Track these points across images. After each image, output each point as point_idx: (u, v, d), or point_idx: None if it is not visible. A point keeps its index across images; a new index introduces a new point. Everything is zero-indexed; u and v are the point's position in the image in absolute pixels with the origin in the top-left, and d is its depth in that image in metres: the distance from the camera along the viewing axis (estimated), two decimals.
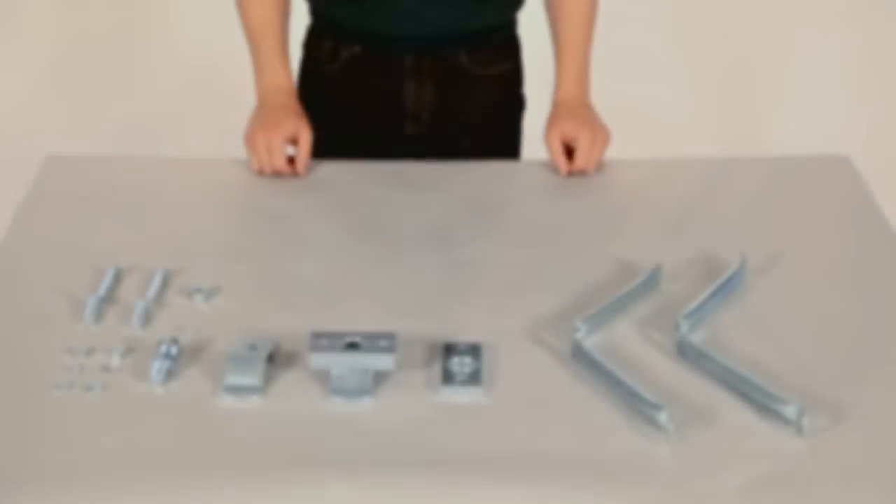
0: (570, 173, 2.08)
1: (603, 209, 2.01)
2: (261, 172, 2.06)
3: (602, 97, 2.22)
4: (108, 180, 2.08)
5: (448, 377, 1.58)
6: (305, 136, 2.07)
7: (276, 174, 2.06)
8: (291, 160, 2.08)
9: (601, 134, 2.10)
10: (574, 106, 2.14)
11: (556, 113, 2.14)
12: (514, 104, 2.31)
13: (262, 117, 2.09)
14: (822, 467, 1.46)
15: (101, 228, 1.93)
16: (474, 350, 1.62)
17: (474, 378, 1.58)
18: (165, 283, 1.78)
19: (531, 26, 2.30)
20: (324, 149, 2.13)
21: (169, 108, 3.84)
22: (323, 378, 1.58)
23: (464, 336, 1.66)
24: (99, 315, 1.71)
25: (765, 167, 2.15)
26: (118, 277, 1.79)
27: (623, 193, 2.06)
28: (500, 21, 2.24)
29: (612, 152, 2.14)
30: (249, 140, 2.07)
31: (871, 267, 1.86)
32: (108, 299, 1.74)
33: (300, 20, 2.21)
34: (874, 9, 4.10)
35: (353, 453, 1.48)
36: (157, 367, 1.58)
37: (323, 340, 1.58)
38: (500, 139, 2.30)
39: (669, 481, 1.44)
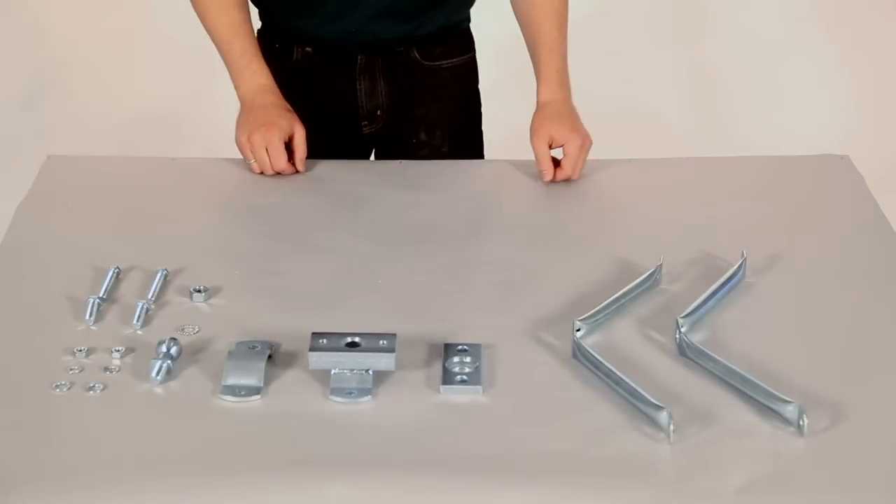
0: (554, 181, 2.06)
1: (603, 209, 2.01)
2: (262, 174, 2.06)
3: (602, 97, 2.23)
4: (108, 180, 2.08)
5: (448, 377, 1.58)
6: (300, 132, 2.06)
7: (277, 174, 2.06)
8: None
9: (588, 141, 2.07)
10: (559, 108, 2.10)
11: (542, 115, 2.10)
12: (471, 97, 2.30)
13: (253, 118, 2.06)
14: (822, 467, 1.46)
15: (101, 228, 1.93)
16: (474, 350, 1.62)
17: (474, 378, 1.58)
18: (165, 283, 1.78)
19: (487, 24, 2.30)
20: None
21: (168, 109, 3.84)
22: (323, 378, 1.58)
23: (464, 336, 1.66)
24: (99, 315, 1.71)
25: (765, 167, 2.15)
26: (118, 277, 1.79)
27: (623, 193, 2.06)
28: (452, 21, 2.24)
29: (614, 152, 2.14)
30: (245, 143, 2.05)
31: (871, 267, 1.86)
32: (108, 299, 1.74)
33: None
34: (874, 9, 4.10)
35: (353, 453, 1.48)
36: (157, 367, 1.58)
37: (323, 340, 1.58)
38: (461, 135, 2.29)
39: (669, 481, 1.44)
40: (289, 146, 2.06)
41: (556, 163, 2.07)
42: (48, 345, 1.64)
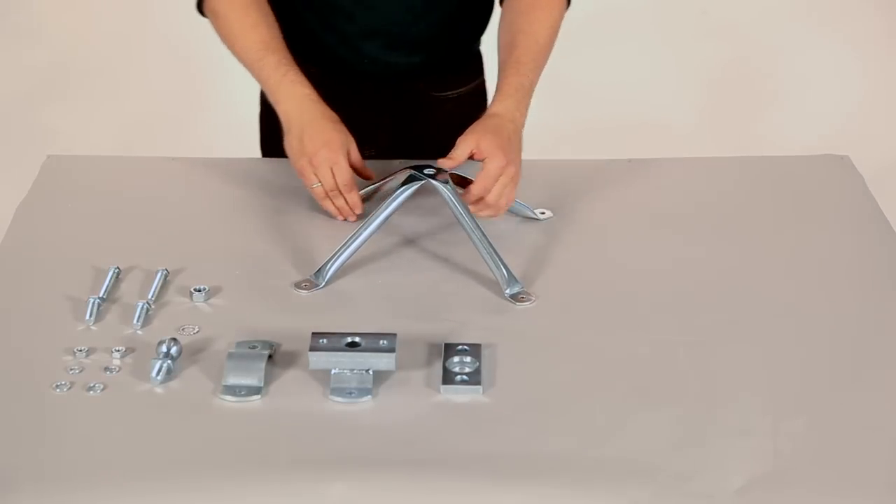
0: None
1: (603, 209, 2.01)
2: (323, 197, 1.91)
3: (603, 97, 2.21)
4: (108, 180, 2.08)
5: (448, 377, 1.58)
6: (354, 145, 1.94)
7: (341, 193, 1.91)
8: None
9: (514, 170, 1.85)
10: (502, 125, 1.89)
11: (480, 124, 1.89)
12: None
13: (308, 138, 1.90)
14: (822, 467, 1.46)
15: (101, 228, 1.93)
16: (474, 350, 1.62)
17: (474, 378, 1.58)
18: (165, 283, 1.78)
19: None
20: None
21: (169, 108, 3.84)
22: (323, 378, 1.58)
23: (464, 336, 1.66)
24: (99, 315, 1.71)
25: (765, 167, 2.15)
26: (118, 277, 1.79)
27: (623, 193, 2.06)
28: (463, 49, 2.17)
29: (614, 152, 2.13)
30: (307, 166, 1.89)
31: (871, 266, 1.86)
32: (108, 299, 1.74)
33: None
34: (873, 8, 4.10)
35: (353, 453, 1.48)
36: (157, 367, 1.58)
37: (323, 340, 1.58)
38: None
39: (669, 481, 1.44)
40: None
41: (467, 182, 1.89)
42: (48, 345, 1.65)
